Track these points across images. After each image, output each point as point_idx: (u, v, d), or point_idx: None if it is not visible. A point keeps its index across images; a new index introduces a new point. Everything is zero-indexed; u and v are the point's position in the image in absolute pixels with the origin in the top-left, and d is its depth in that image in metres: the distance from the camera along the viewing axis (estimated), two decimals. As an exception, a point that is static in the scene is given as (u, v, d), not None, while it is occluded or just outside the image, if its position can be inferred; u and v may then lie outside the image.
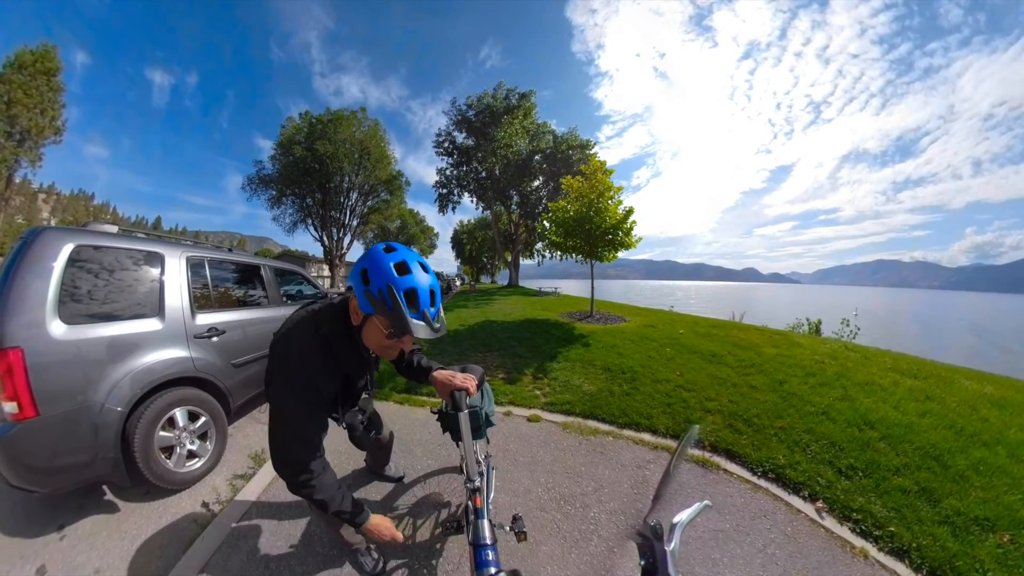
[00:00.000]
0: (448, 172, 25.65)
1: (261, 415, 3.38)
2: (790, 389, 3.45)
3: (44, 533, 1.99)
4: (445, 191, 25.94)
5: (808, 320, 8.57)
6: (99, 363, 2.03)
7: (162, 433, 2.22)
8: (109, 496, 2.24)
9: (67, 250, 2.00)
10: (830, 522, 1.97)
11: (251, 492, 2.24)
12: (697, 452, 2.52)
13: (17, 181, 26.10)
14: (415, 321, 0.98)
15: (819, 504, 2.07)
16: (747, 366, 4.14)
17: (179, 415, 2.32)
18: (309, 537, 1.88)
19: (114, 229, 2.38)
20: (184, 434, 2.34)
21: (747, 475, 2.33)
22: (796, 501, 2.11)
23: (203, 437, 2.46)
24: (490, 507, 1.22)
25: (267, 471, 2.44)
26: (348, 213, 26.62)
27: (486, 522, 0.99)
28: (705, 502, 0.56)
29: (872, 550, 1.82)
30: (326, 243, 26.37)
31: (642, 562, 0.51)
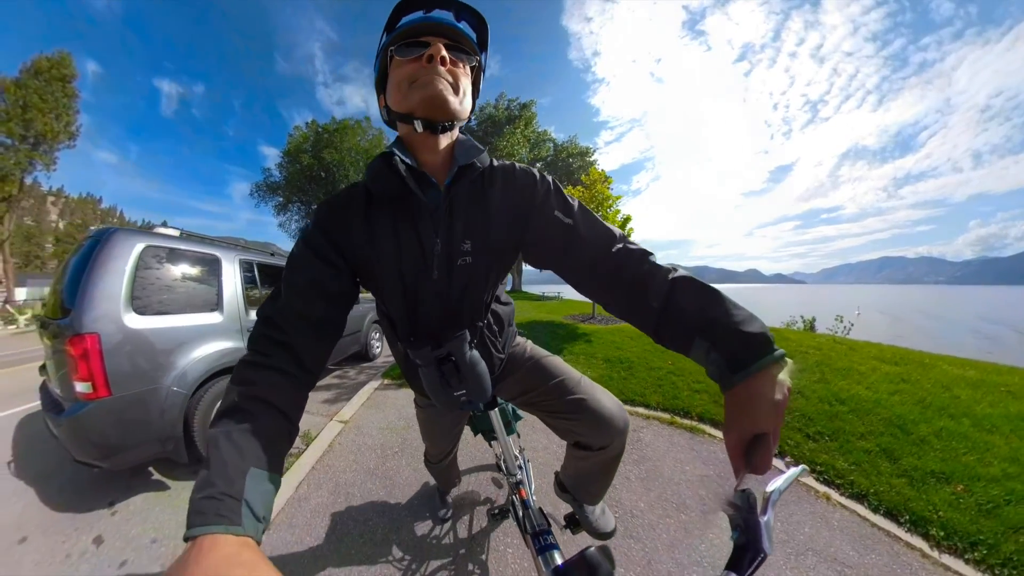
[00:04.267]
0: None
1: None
2: (773, 373, 3.74)
3: (95, 508, 2.14)
4: (448, 197, 26.42)
5: (803, 318, 8.88)
6: (167, 351, 2.23)
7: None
8: (157, 476, 2.44)
9: (138, 249, 2.20)
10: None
11: (301, 468, 2.41)
12: (687, 421, 2.83)
13: (27, 183, 26.71)
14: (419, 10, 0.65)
15: (787, 459, 2.36)
16: (736, 355, 4.44)
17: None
18: (365, 509, 2.01)
19: (176, 233, 2.62)
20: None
21: None
22: None
23: None
24: (534, 497, 1.20)
25: (311, 453, 2.62)
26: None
27: (537, 510, 0.98)
28: (801, 467, 0.51)
29: (834, 494, 2.11)
30: (331, 248, 26.86)
31: (734, 535, 0.48)
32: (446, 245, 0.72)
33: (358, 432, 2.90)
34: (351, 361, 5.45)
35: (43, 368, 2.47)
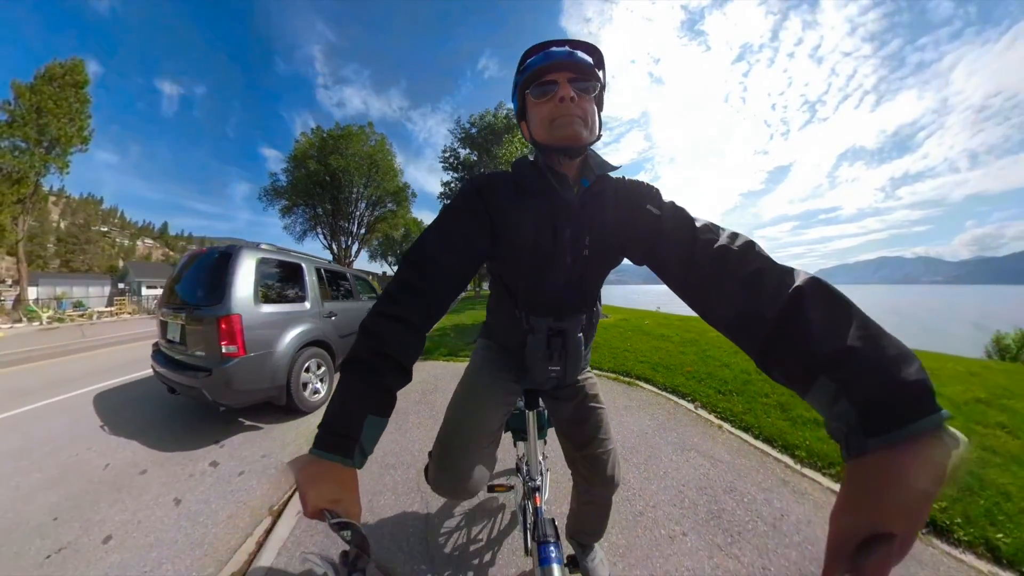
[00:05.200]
0: (453, 185, 27.10)
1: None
2: (710, 354, 4.61)
3: (204, 446, 2.87)
4: (450, 202, 27.28)
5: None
6: (277, 326, 3.30)
7: (303, 374, 3.48)
8: (249, 422, 3.32)
9: (255, 259, 3.25)
10: (702, 412, 3.13)
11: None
12: (626, 379, 3.74)
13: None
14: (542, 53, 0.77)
15: (696, 403, 3.20)
16: (686, 342, 5.31)
17: (313, 363, 3.61)
18: (416, 418, 2.99)
19: (273, 248, 3.73)
20: (314, 376, 3.63)
21: (654, 389, 3.57)
22: (682, 401, 3.31)
23: (322, 380, 3.75)
24: (545, 507, 1.19)
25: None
26: (356, 222, 28.01)
27: (547, 519, 0.98)
28: None
29: (727, 426, 2.92)
30: (335, 251, 27.63)
31: None
32: (574, 237, 0.81)
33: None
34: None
35: (175, 342, 3.33)
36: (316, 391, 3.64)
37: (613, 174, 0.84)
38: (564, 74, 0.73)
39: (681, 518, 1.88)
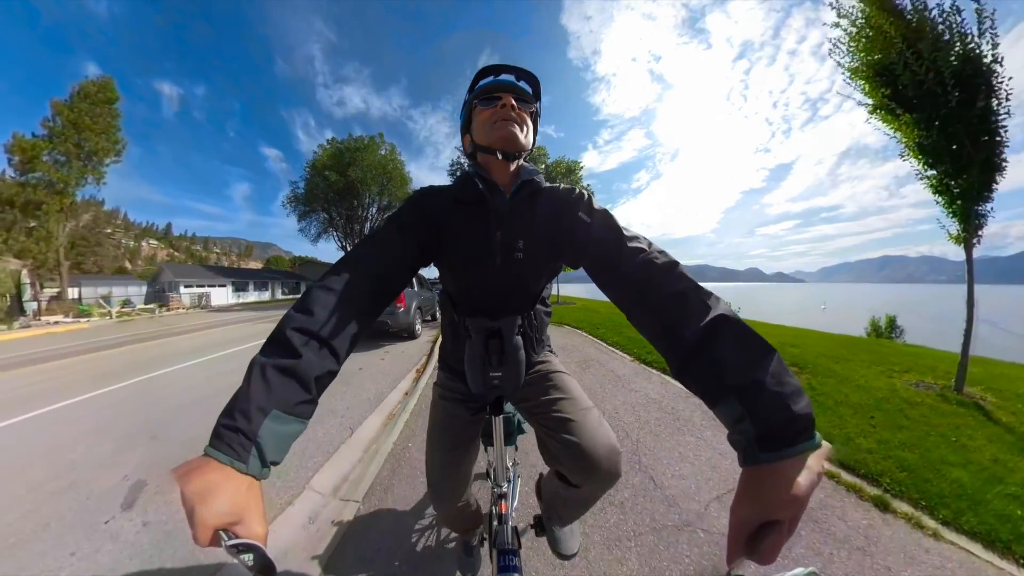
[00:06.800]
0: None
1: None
2: (619, 320, 7.95)
3: (374, 350, 6.49)
4: (455, 208, 30.17)
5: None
6: (410, 296, 7.69)
7: (416, 320, 7.54)
8: (388, 344, 6.92)
9: None
10: (598, 340, 6.67)
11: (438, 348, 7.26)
12: (587, 333, 7.17)
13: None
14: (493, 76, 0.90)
15: (596, 338, 6.63)
16: (615, 314, 8.73)
17: (417, 315, 7.66)
18: None
19: None
20: (418, 321, 7.64)
21: (583, 333, 7.28)
22: (591, 337, 6.96)
23: (420, 324, 7.82)
24: (513, 514, 1.18)
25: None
26: (369, 225, 31.13)
27: (510, 527, 0.98)
28: (811, 569, 0.38)
29: (605, 344, 6.44)
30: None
31: None
32: (505, 240, 0.88)
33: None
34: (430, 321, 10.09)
35: None
36: (419, 329, 7.76)
37: (547, 184, 0.93)
38: (509, 95, 0.87)
39: (570, 363, 5.39)
